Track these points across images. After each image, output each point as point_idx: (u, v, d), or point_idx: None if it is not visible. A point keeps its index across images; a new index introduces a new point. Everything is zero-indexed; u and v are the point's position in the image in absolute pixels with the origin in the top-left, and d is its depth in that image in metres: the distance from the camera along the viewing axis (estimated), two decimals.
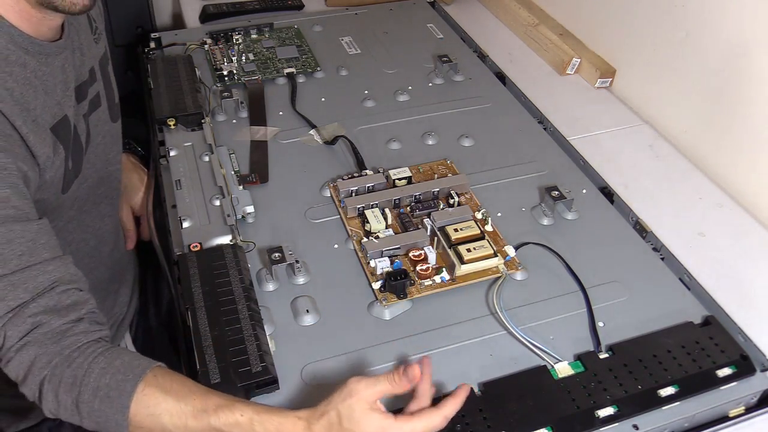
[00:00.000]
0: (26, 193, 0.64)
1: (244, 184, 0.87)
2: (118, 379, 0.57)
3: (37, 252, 0.61)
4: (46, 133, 0.69)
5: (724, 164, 0.93)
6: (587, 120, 1.04)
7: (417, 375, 0.56)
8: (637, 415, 0.63)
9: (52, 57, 0.71)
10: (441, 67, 1.12)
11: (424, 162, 0.92)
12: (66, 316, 0.59)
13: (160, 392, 0.57)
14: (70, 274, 0.62)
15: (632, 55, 1.08)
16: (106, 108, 0.84)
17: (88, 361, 0.57)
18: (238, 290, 0.70)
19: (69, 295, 0.60)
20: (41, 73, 0.70)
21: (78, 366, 0.57)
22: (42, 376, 0.57)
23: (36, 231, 0.62)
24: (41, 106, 0.69)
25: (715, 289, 0.75)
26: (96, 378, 0.57)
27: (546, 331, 0.71)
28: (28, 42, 0.68)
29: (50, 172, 0.71)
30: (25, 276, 0.59)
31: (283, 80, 1.11)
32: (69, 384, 0.57)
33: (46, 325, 0.58)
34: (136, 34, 1.41)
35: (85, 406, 0.57)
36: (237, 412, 0.56)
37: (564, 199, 0.84)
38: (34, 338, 0.57)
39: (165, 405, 0.56)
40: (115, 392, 0.56)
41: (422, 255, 0.76)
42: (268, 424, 0.55)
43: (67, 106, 0.74)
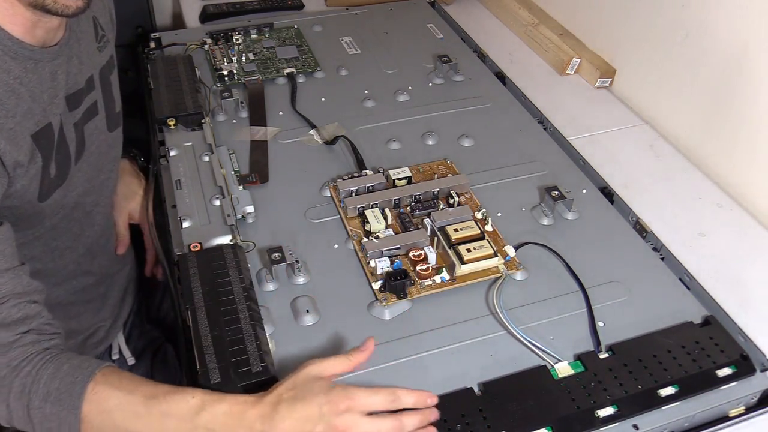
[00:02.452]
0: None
1: (244, 184, 0.87)
2: (67, 382, 0.57)
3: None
4: (25, 140, 0.68)
5: (724, 164, 0.93)
6: (587, 120, 1.04)
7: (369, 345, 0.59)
8: (637, 415, 0.63)
9: (42, 63, 0.70)
10: (441, 67, 1.12)
11: (424, 162, 0.92)
12: (14, 329, 0.59)
13: (110, 389, 0.57)
14: (23, 285, 0.62)
15: (632, 55, 1.08)
16: (103, 117, 0.83)
17: (36, 369, 0.57)
18: (238, 290, 0.70)
19: (20, 309, 0.60)
20: (27, 79, 0.68)
21: (26, 374, 0.57)
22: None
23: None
24: (23, 112, 0.68)
25: (715, 289, 0.75)
26: (45, 384, 0.57)
27: (546, 331, 0.71)
28: (17, 46, 0.67)
29: (23, 181, 0.69)
30: None
31: (283, 80, 1.11)
32: (18, 392, 0.57)
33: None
34: (136, 34, 1.41)
35: (37, 412, 0.56)
36: (188, 395, 0.56)
37: (564, 199, 0.84)
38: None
39: (115, 400, 0.56)
40: (65, 395, 0.56)
41: (422, 255, 0.76)
42: (220, 404, 0.56)
43: (53, 114, 0.72)
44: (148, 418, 0.56)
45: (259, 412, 0.55)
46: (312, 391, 0.56)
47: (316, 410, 0.55)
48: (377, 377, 0.66)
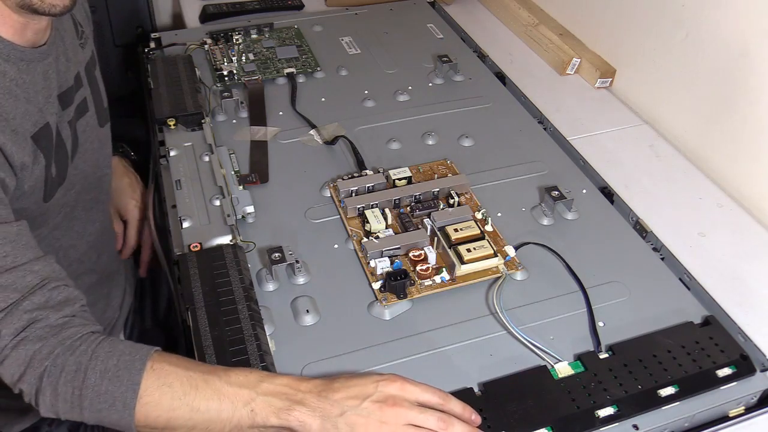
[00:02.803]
0: (3, 199, 0.64)
1: (244, 184, 0.87)
2: (126, 360, 0.57)
3: (20, 253, 0.60)
4: (27, 141, 0.69)
5: (724, 164, 0.93)
6: (587, 120, 1.04)
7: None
8: (637, 415, 0.63)
9: (33, 64, 0.70)
10: (441, 67, 1.12)
11: (424, 162, 0.92)
12: (61, 310, 0.59)
13: (168, 365, 0.58)
14: (57, 271, 0.62)
15: (632, 55, 1.08)
16: (94, 113, 0.84)
17: (92, 348, 0.57)
18: (238, 290, 0.70)
19: (60, 291, 0.60)
20: (22, 81, 0.69)
21: (82, 353, 0.57)
22: (42, 369, 0.56)
23: (16, 233, 0.62)
24: (21, 114, 0.68)
25: (715, 289, 0.75)
26: (103, 361, 0.57)
27: (546, 331, 0.71)
28: (9, 49, 0.67)
29: (29, 182, 0.70)
30: (12, 277, 0.59)
31: (283, 80, 1.11)
32: (72, 372, 0.56)
33: (44, 320, 0.58)
34: (136, 34, 1.42)
35: (90, 391, 0.56)
36: (246, 370, 0.58)
37: (564, 199, 0.84)
38: (31, 333, 0.57)
39: (175, 375, 0.57)
40: (124, 371, 0.56)
41: (422, 255, 0.76)
42: (279, 378, 0.58)
43: (49, 114, 0.73)
44: (208, 390, 0.56)
45: (315, 385, 0.58)
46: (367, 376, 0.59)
47: (371, 386, 0.58)
48: None
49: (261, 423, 0.57)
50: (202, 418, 0.56)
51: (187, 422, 0.56)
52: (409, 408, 0.57)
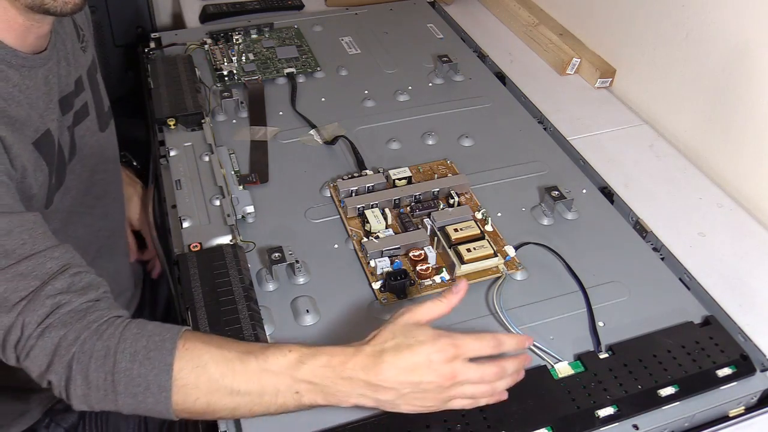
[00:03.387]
0: (15, 194, 0.63)
1: (244, 184, 0.87)
2: (155, 341, 0.54)
3: (39, 240, 0.59)
4: (27, 148, 0.68)
5: (724, 164, 0.93)
6: (587, 120, 1.04)
7: (463, 287, 0.57)
8: (637, 415, 0.63)
9: (35, 69, 0.70)
10: (441, 67, 1.12)
11: (424, 162, 0.92)
12: (85, 295, 0.57)
13: (201, 343, 0.55)
14: (77, 258, 0.61)
15: (632, 55, 1.08)
16: (94, 117, 0.83)
17: (119, 331, 0.55)
18: (238, 290, 0.70)
19: (82, 277, 0.58)
20: (24, 86, 0.68)
21: (110, 336, 0.54)
22: (70, 355, 0.53)
23: (33, 221, 0.60)
24: (24, 120, 0.68)
25: (715, 289, 0.75)
26: (132, 343, 0.54)
27: (546, 331, 0.71)
28: (11, 55, 0.67)
29: (34, 189, 0.69)
30: (32, 264, 0.57)
31: (283, 80, 1.11)
32: (102, 356, 0.53)
33: (67, 304, 0.55)
34: (136, 34, 1.42)
35: (122, 375, 0.53)
36: (285, 349, 0.55)
37: (564, 199, 0.84)
38: (56, 319, 0.55)
39: (209, 355, 0.54)
40: (155, 353, 0.54)
41: (422, 255, 0.76)
42: (319, 356, 0.55)
43: (50, 120, 0.72)
44: (246, 373, 0.54)
45: (361, 362, 0.54)
46: (417, 338, 0.54)
47: (424, 358, 0.54)
48: None
49: (308, 404, 0.55)
50: (244, 401, 0.54)
51: (228, 404, 0.54)
52: (466, 375, 0.55)
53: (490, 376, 0.57)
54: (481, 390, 0.57)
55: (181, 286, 0.73)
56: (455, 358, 0.55)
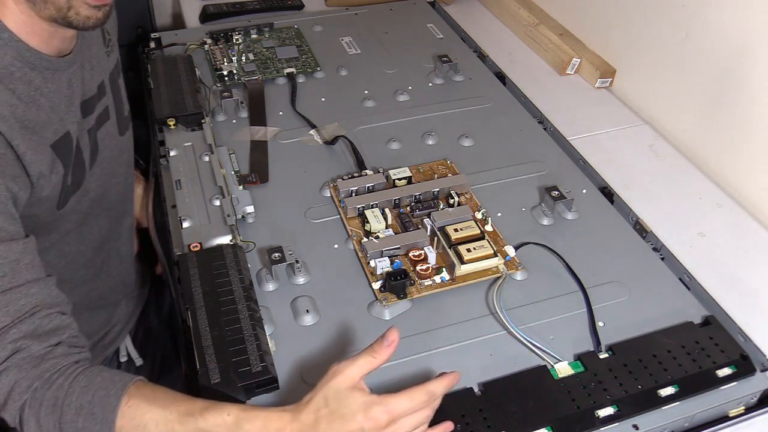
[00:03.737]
0: (14, 214, 0.63)
1: (244, 184, 0.87)
2: (100, 395, 0.56)
3: (19, 273, 0.60)
4: (46, 150, 0.69)
5: (724, 164, 0.93)
6: (587, 120, 1.04)
7: (394, 338, 0.56)
8: (637, 415, 0.63)
9: (59, 72, 0.71)
10: (441, 67, 1.12)
11: (424, 162, 0.92)
12: (46, 340, 0.58)
13: (145, 402, 0.56)
14: (53, 296, 0.61)
15: (632, 55, 1.08)
16: (114, 122, 0.84)
17: (68, 382, 0.56)
18: (238, 290, 0.70)
19: (51, 320, 0.60)
20: (46, 89, 0.69)
21: (58, 387, 0.56)
22: (22, 401, 0.56)
23: (20, 251, 0.61)
24: (43, 123, 0.68)
25: (715, 289, 0.75)
26: (78, 397, 0.56)
27: (546, 331, 0.71)
28: (35, 57, 0.67)
29: (46, 191, 0.70)
30: (7, 299, 0.58)
31: (283, 80, 1.11)
32: (50, 406, 0.56)
33: (26, 350, 0.57)
34: (136, 34, 1.41)
35: (69, 426, 0.55)
36: (224, 412, 0.55)
37: (564, 199, 0.84)
38: (13, 363, 0.56)
39: (150, 414, 0.55)
40: (98, 408, 0.55)
41: (422, 255, 0.76)
42: (255, 420, 0.55)
43: (70, 122, 0.73)
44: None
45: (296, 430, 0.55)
46: (349, 407, 0.54)
47: (356, 428, 0.54)
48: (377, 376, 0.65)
49: None
50: None
51: None
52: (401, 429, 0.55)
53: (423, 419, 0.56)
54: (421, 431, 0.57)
55: (181, 286, 0.73)
56: (389, 424, 0.55)
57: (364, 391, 0.55)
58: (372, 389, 0.56)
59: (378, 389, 0.57)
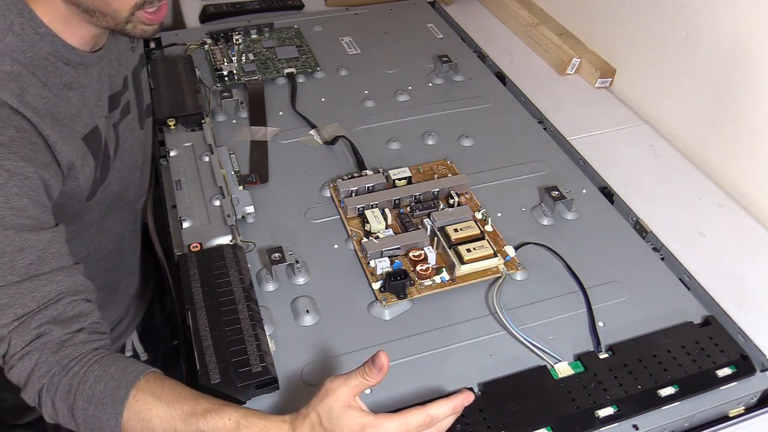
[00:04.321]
0: (45, 202, 0.64)
1: (244, 184, 0.87)
2: (111, 387, 0.58)
3: (47, 261, 0.61)
4: (77, 142, 0.70)
5: (724, 164, 0.93)
6: (587, 120, 1.04)
7: (384, 362, 0.55)
8: (637, 415, 0.63)
9: (90, 67, 0.72)
10: (441, 67, 1.12)
11: (424, 162, 0.92)
12: (69, 326, 0.60)
13: (152, 398, 0.58)
14: (78, 284, 0.63)
15: (632, 55, 1.08)
16: (135, 116, 0.85)
17: (83, 370, 0.58)
18: (238, 290, 0.70)
19: (74, 306, 0.61)
20: (77, 84, 0.70)
21: (74, 375, 0.58)
22: (41, 385, 0.58)
23: (48, 240, 0.62)
24: (74, 116, 0.69)
25: (715, 289, 0.75)
26: (91, 386, 0.58)
27: (546, 331, 0.71)
28: (70, 53, 0.68)
29: (79, 181, 0.71)
30: (34, 285, 0.60)
31: (283, 80, 1.11)
32: (65, 392, 0.58)
33: (48, 335, 0.59)
34: None
35: (80, 413, 0.57)
36: (225, 416, 0.56)
37: (564, 199, 0.84)
38: (35, 347, 0.59)
39: (156, 410, 0.57)
40: (108, 399, 0.57)
41: (422, 255, 0.76)
42: (254, 427, 0.56)
43: (99, 116, 0.74)
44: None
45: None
46: (341, 428, 0.54)
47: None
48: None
49: None
50: None
51: None
52: None
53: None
54: None
55: (181, 286, 0.73)
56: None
57: (359, 411, 0.55)
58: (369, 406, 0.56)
59: (378, 390, 0.57)
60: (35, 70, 0.66)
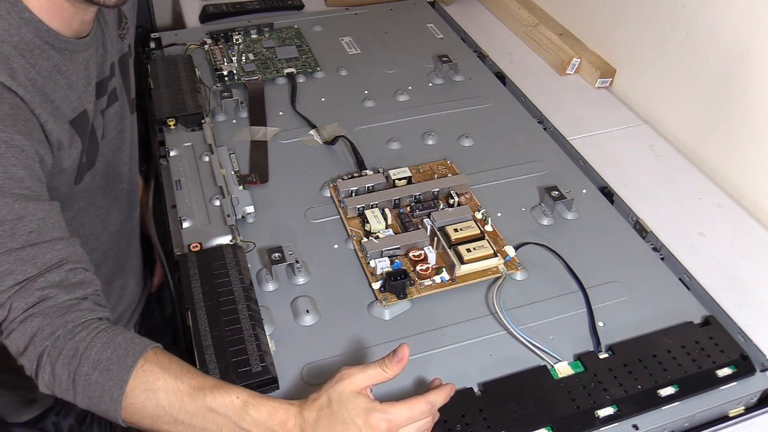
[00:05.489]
0: (41, 176, 0.65)
1: (244, 184, 0.87)
2: (119, 354, 0.57)
3: (46, 230, 0.61)
4: (65, 125, 0.70)
5: (724, 164, 0.93)
6: (587, 120, 1.04)
7: (405, 354, 0.57)
8: (637, 415, 0.63)
9: (76, 54, 0.72)
10: (441, 67, 1.12)
11: (424, 162, 0.92)
12: (73, 292, 0.59)
13: (159, 369, 0.57)
14: (78, 254, 0.63)
15: (632, 55, 1.08)
16: (123, 104, 0.86)
17: (91, 336, 0.57)
18: (238, 290, 0.70)
19: (76, 274, 0.61)
20: (65, 68, 0.70)
21: (81, 339, 0.57)
22: (42, 347, 0.57)
23: (47, 210, 0.62)
24: (62, 98, 0.70)
25: (715, 289, 0.75)
26: (98, 351, 0.57)
27: (546, 331, 0.71)
28: (54, 38, 0.69)
29: (67, 162, 0.71)
30: (34, 252, 0.59)
31: (283, 80, 1.11)
32: (69, 356, 0.57)
33: (53, 298, 0.58)
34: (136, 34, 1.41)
35: (82, 379, 0.56)
36: (233, 394, 0.56)
37: (564, 199, 0.84)
38: (39, 310, 0.58)
39: (162, 381, 0.56)
40: (115, 366, 0.56)
41: (422, 255, 0.76)
42: (262, 408, 0.56)
43: (87, 102, 0.75)
44: (193, 407, 0.56)
45: (299, 427, 0.56)
46: (350, 410, 0.55)
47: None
48: None
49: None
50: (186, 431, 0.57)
51: (170, 430, 0.57)
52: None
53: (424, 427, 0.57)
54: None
55: (181, 286, 0.73)
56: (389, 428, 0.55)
57: (367, 398, 0.56)
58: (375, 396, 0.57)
59: (378, 389, 0.57)
60: (23, 53, 0.66)
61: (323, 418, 0.55)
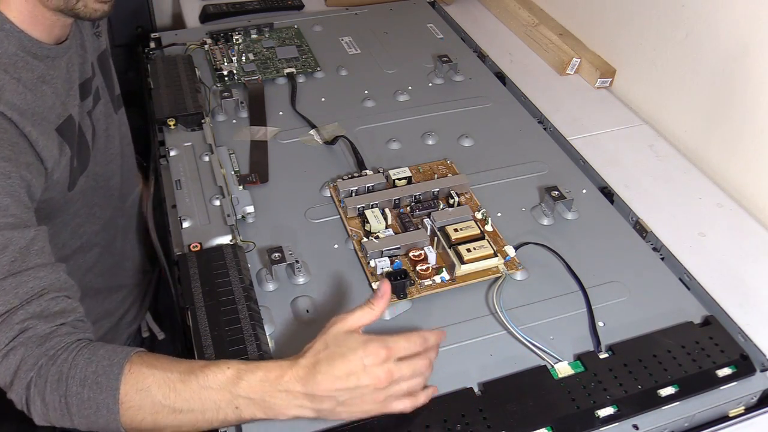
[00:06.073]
0: (27, 202, 0.64)
1: (244, 184, 0.87)
2: (104, 365, 0.57)
3: (30, 257, 0.61)
4: (53, 134, 0.70)
5: (724, 164, 0.93)
6: (587, 120, 1.04)
7: (386, 289, 0.60)
8: (637, 415, 0.63)
9: (58, 59, 0.72)
10: (441, 67, 1.12)
11: (424, 162, 0.92)
12: (53, 321, 0.59)
13: (147, 368, 0.57)
14: (61, 281, 0.63)
15: (632, 55, 1.08)
16: (107, 101, 0.86)
17: (72, 356, 0.58)
18: (238, 290, 0.70)
19: (57, 302, 0.61)
20: (49, 77, 0.71)
21: (63, 361, 0.57)
22: (28, 379, 0.57)
23: (31, 238, 0.62)
24: (48, 107, 0.70)
25: (715, 289, 0.75)
26: (82, 369, 0.57)
27: (546, 331, 0.71)
28: (36, 47, 0.69)
29: (57, 173, 0.72)
30: (17, 281, 0.59)
31: (283, 80, 1.11)
32: (55, 381, 0.57)
33: (32, 329, 0.58)
34: (136, 34, 1.42)
35: (74, 398, 0.56)
36: (224, 367, 0.57)
37: (564, 199, 0.84)
38: (19, 342, 0.58)
39: (152, 378, 0.57)
40: (103, 377, 0.57)
41: (422, 255, 0.76)
42: (256, 371, 0.56)
43: (72, 105, 0.75)
44: (187, 392, 0.56)
45: (297, 374, 0.56)
46: (349, 346, 0.56)
47: (357, 364, 0.56)
48: None
49: (248, 418, 0.57)
50: (187, 418, 0.56)
51: (172, 422, 0.57)
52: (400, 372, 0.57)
53: (422, 368, 0.59)
54: (416, 382, 0.59)
55: (180, 286, 0.73)
56: (387, 360, 0.57)
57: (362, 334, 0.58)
58: None
59: None
60: (7, 68, 0.66)
61: (322, 360, 0.56)
